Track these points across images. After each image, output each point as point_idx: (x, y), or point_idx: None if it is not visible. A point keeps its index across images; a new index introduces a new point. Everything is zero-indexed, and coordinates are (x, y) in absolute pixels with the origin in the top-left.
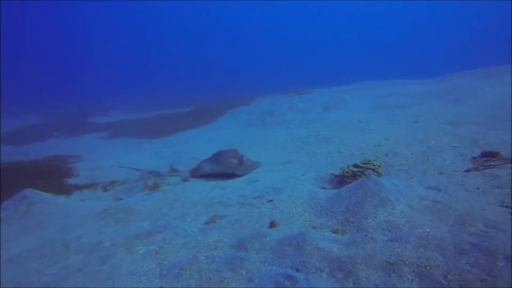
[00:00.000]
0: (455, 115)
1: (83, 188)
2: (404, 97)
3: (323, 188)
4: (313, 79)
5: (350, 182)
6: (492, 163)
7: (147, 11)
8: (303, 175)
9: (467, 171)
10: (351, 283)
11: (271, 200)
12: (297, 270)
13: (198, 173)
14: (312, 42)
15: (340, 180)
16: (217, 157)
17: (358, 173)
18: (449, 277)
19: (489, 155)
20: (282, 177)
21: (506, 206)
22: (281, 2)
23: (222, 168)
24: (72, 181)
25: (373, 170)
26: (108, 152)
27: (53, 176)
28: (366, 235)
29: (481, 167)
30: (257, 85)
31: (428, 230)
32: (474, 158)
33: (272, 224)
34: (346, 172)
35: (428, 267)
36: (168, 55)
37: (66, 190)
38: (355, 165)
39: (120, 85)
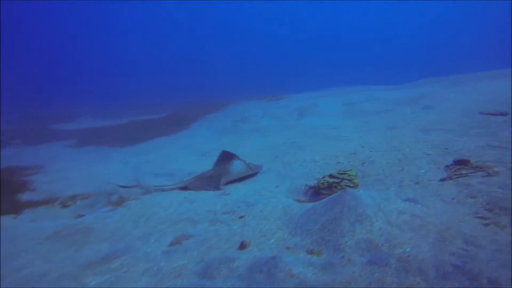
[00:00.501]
0: (426, 122)
1: (38, 204)
2: (378, 103)
3: (298, 200)
4: (291, 84)
5: (326, 194)
6: (464, 171)
7: (123, 12)
8: (277, 186)
9: (442, 180)
10: None
11: (242, 216)
12: None
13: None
14: (294, 45)
15: (316, 191)
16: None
17: (334, 184)
18: None
19: (461, 163)
20: (255, 189)
21: (480, 217)
22: (265, 2)
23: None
24: (26, 196)
25: (349, 180)
26: (74, 162)
27: (2, 192)
28: (343, 256)
29: (455, 176)
30: (236, 89)
31: (408, 250)
32: (447, 166)
33: (242, 245)
34: (321, 183)
35: None
36: (144, 58)
37: (16, 208)
38: (331, 176)
39: (92, 90)
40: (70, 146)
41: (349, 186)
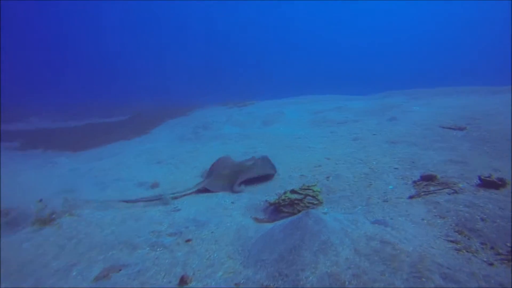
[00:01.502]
0: (392, 134)
1: None
2: (344, 112)
3: (256, 219)
4: (259, 90)
5: (287, 212)
6: (432, 188)
7: (89, 9)
8: (233, 202)
9: (410, 197)
10: None
11: (189, 240)
12: None
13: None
14: (264, 51)
15: (276, 208)
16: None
17: (296, 201)
18: None
19: (428, 179)
20: (208, 205)
21: (452, 241)
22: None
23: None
24: None
25: (313, 197)
26: (9, 168)
27: None
28: None
29: (423, 193)
30: (202, 94)
31: None
32: (415, 182)
33: (182, 281)
34: (282, 200)
35: None
36: (110, 57)
37: None
38: (293, 191)
39: (50, 88)
40: (14, 149)
41: (312, 203)
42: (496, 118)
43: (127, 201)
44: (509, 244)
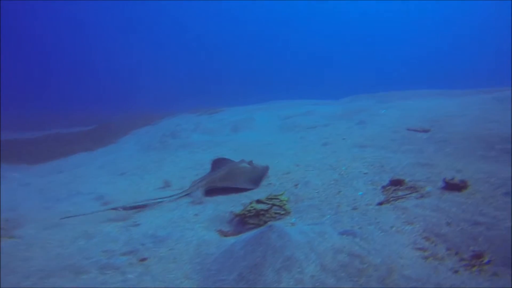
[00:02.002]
0: (361, 138)
1: None
2: (314, 117)
3: (220, 232)
4: (230, 96)
5: (253, 224)
6: (400, 192)
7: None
8: (196, 214)
9: (380, 204)
10: None
11: (144, 259)
12: None
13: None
14: (233, 56)
15: (241, 220)
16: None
17: (262, 212)
18: None
19: (396, 184)
20: (169, 218)
21: (419, 248)
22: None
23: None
24: None
25: (280, 207)
26: None
27: None
28: None
29: (392, 199)
30: (174, 101)
31: None
32: (384, 187)
33: None
34: (247, 211)
35: None
36: (84, 64)
37: None
38: (259, 201)
39: (8, 96)
40: None
41: (279, 213)
42: (455, 120)
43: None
44: (471, 248)
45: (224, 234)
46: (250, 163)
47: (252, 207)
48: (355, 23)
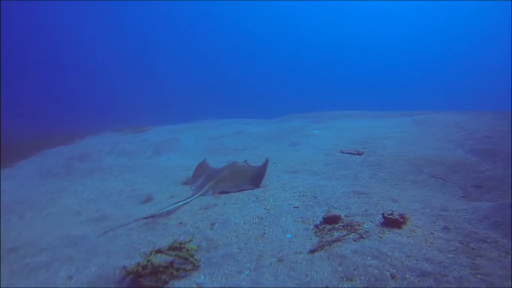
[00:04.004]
0: (293, 161)
1: None
2: (244, 138)
3: None
4: (163, 115)
5: (148, 287)
6: (336, 233)
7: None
8: (69, 277)
9: (312, 251)
10: None
11: None
12: None
13: None
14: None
15: (134, 280)
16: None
17: (161, 268)
18: None
19: (331, 221)
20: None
21: None
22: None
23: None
24: None
25: (185, 259)
26: None
27: None
28: None
29: (326, 243)
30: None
31: None
32: (317, 226)
33: None
34: (142, 267)
35: None
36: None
37: None
38: (159, 251)
39: None
40: None
41: (184, 269)
42: (384, 142)
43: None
44: None
45: None
46: (245, 162)
47: (149, 260)
48: (284, 47)
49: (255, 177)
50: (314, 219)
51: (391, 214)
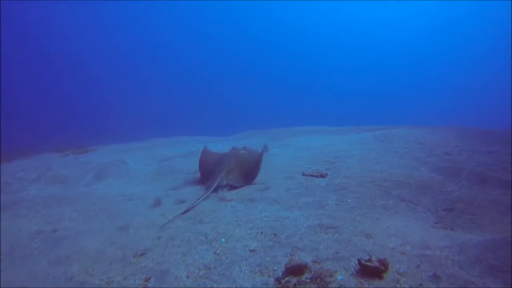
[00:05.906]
0: (252, 188)
1: None
2: (196, 159)
3: None
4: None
5: None
6: None
7: None
8: None
9: None
10: None
11: None
12: None
13: None
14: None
15: None
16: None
17: None
18: None
19: (296, 273)
20: None
21: None
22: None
23: None
24: None
25: None
26: None
27: None
28: None
29: None
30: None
31: None
32: (278, 280)
33: None
34: None
35: None
36: None
37: None
38: None
39: None
40: None
41: None
42: (348, 161)
43: None
44: None
45: None
46: (244, 149)
47: None
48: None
49: (254, 167)
50: (275, 268)
51: (369, 260)
